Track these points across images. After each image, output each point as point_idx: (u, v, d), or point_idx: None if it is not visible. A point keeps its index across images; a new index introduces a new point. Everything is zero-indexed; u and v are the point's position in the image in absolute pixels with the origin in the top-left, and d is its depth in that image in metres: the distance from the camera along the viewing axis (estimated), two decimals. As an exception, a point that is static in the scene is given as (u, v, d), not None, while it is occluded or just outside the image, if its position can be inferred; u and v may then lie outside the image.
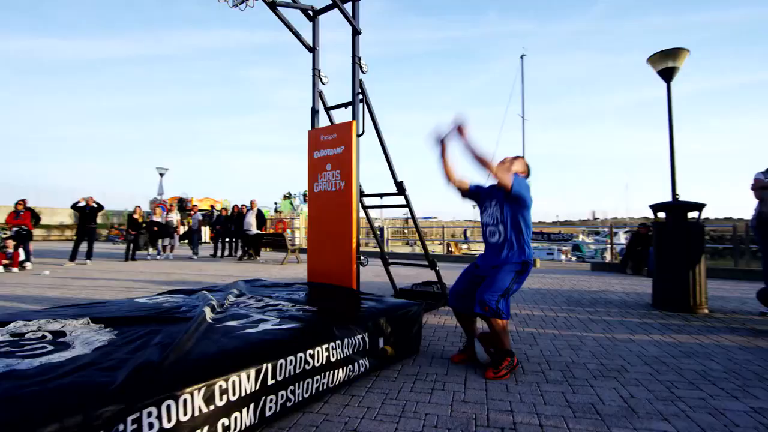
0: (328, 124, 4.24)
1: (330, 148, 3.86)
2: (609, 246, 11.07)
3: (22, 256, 8.57)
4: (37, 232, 22.20)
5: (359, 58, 3.83)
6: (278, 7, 3.80)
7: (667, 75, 5.15)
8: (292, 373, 1.98)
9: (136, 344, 1.97)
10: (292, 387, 1.97)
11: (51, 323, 2.30)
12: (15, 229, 8.75)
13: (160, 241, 11.76)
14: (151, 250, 11.68)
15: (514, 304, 4.78)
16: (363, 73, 3.89)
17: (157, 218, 11.79)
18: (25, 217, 9.05)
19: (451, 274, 7.57)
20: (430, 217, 35.03)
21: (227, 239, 12.50)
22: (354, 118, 3.78)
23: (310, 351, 2.08)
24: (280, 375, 1.91)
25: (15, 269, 8.19)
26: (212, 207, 18.07)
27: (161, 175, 16.21)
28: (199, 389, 1.59)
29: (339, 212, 3.76)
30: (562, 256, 18.93)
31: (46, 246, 16.90)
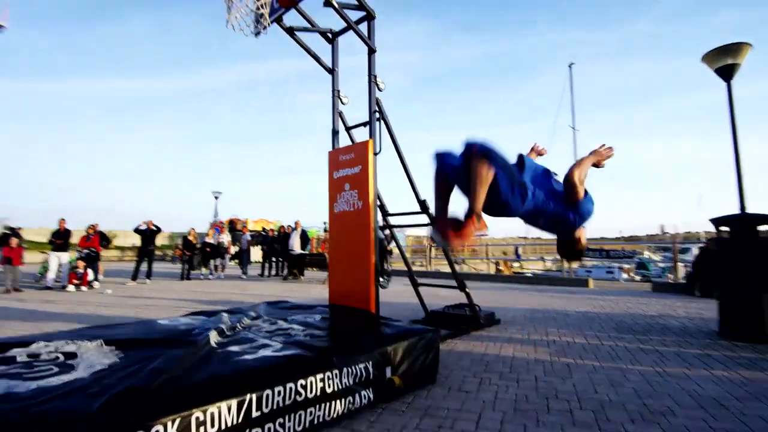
0: (350, 143, 4.23)
1: (348, 168, 3.82)
2: (675, 263, 10.00)
3: (90, 276, 9.37)
4: (112, 252, 24.44)
5: (375, 76, 3.80)
6: (296, 32, 3.89)
7: (726, 73, 4.62)
8: (281, 405, 1.88)
9: (132, 368, 1.98)
10: (281, 420, 1.88)
11: (68, 344, 2.41)
12: (85, 251, 9.61)
13: (212, 261, 12.39)
14: (204, 270, 12.32)
15: (554, 330, 4.39)
16: (380, 90, 3.85)
17: (209, 239, 12.45)
18: (94, 241, 9.93)
19: (495, 297, 7.20)
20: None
21: (274, 259, 12.89)
22: (371, 136, 3.73)
23: (302, 381, 1.98)
24: (266, 406, 1.83)
25: (84, 288, 8.95)
26: (263, 228, 18.86)
27: (216, 198, 17.27)
28: (173, 420, 1.54)
29: (357, 232, 3.69)
30: (623, 275, 17.42)
31: (119, 266, 18.43)
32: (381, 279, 3.69)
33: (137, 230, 10.72)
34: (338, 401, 2.12)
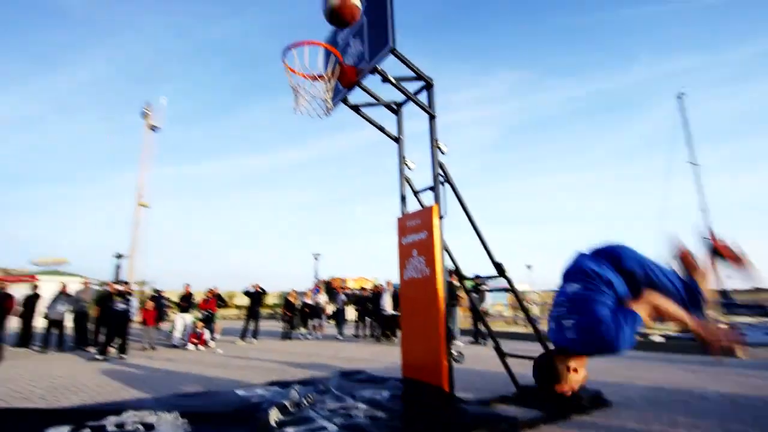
0: (419, 208, 4.20)
1: (415, 234, 3.77)
2: None
3: (207, 336, 10.45)
4: (232, 311, 27.19)
5: (437, 141, 3.80)
6: (362, 108, 4.15)
7: None
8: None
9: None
10: None
11: (150, 415, 2.62)
12: (204, 312, 10.83)
13: (310, 322, 12.96)
14: (303, 330, 12.91)
15: (685, 420, 3.51)
16: (442, 153, 3.82)
17: (308, 300, 13.14)
18: (211, 303, 11.18)
19: (606, 368, 6.12)
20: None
21: (367, 319, 13.00)
22: (436, 201, 3.67)
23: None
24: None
25: (201, 347, 9.97)
26: (362, 288, 19.39)
27: (315, 258, 18.51)
28: None
29: (426, 300, 3.53)
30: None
31: (236, 324, 20.34)
32: (455, 353, 3.41)
33: (246, 292, 11.82)
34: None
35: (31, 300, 10.03)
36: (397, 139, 4.33)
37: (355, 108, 4.16)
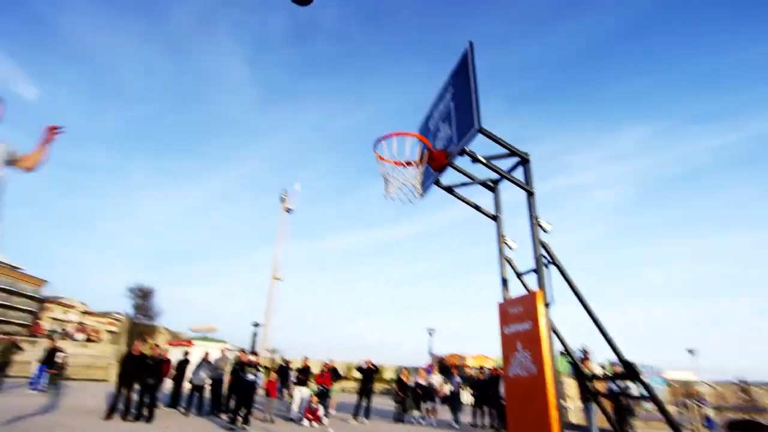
0: (524, 293, 3.79)
1: (518, 323, 3.35)
2: None
3: (321, 412, 10.54)
4: (350, 384, 27.37)
5: (537, 218, 3.47)
6: (456, 189, 4.08)
7: None
8: None
9: None
10: None
11: None
12: (319, 387, 11.07)
13: (423, 404, 12.20)
14: (416, 413, 12.16)
15: None
16: (545, 232, 3.45)
17: (420, 380, 12.52)
18: (326, 377, 11.41)
19: None
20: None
21: (485, 406, 11.72)
22: (540, 287, 3.25)
23: None
24: None
25: (315, 424, 10.05)
26: (481, 368, 17.87)
27: (430, 334, 17.84)
28: None
29: (534, 405, 2.99)
30: None
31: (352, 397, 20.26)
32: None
33: (358, 368, 11.82)
34: None
35: (182, 365, 11.56)
36: (494, 218, 4.10)
37: (449, 189, 4.12)
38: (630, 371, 3.10)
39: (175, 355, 12.15)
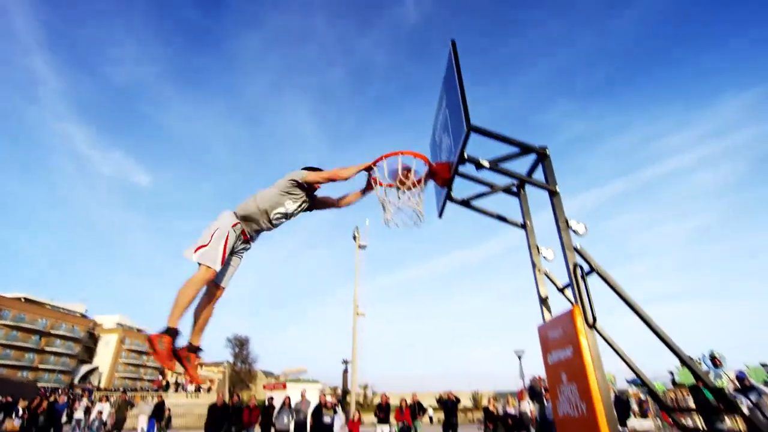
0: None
1: (560, 350, 2.76)
2: None
3: (405, 452, 10.02)
4: (441, 415, 26.08)
5: (567, 222, 2.90)
6: (473, 201, 3.64)
7: None
8: None
9: None
10: None
11: None
12: (400, 424, 10.59)
13: (517, 436, 11.05)
14: (510, 447, 11.05)
15: None
16: (578, 235, 2.86)
17: (510, 409, 11.43)
18: (406, 414, 10.91)
19: None
20: None
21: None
22: (576, 302, 2.67)
23: None
24: None
25: (399, 465, 9.55)
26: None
27: (519, 357, 16.41)
28: None
29: (590, 456, 2.37)
30: None
31: None
32: None
33: (439, 400, 11.15)
34: None
35: (268, 411, 11.85)
36: (523, 226, 3.56)
37: (465, 203, 3.69)
38: (719, 395, 2.34)
39: (277, 397, 12.48)
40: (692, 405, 11.60)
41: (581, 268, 2.73)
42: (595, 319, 2.56)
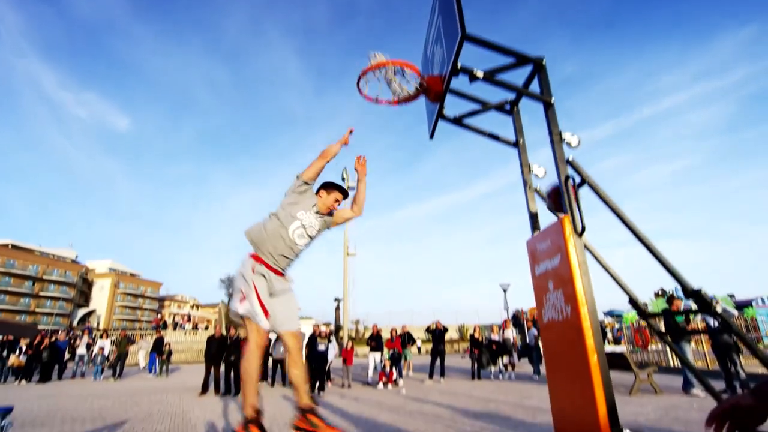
0: (558, 224, 3.22)
1: (548, 260, 2.83)
2: None
3: (395, 375, 10.70)
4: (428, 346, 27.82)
5: (560, 134, 2.84)
6: (466, 119, 3.54)
7: None
8: None
9: None
10: None
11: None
12: (391, 351, 11.20)
13: (500, 359, 11.85)
14: (493, 368, 11.87)
15: None
16: (571, 147, 2.82)
17: (494, 336, 12.13)
18: (396, 342, 11.51)
19: None
20: None
21: (567, 357, 11.06)
22: (565, 211, 2.69)
23: None
24: None
25: (390, 386, 10.24)
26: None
27: (504, 290, 17.21)
28: None
29: (571, 353, 2.52)
30: None
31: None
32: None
33: (427, 330, 11.76)
34: None
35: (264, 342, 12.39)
36: (515, 144, 3.50)
37: (457, 120, 3.58)
38: (699, 301, 2.46)
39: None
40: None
41: (573, 179, 2.72)
42: (584, 228, 2.59)
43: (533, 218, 3.30)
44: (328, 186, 2.85)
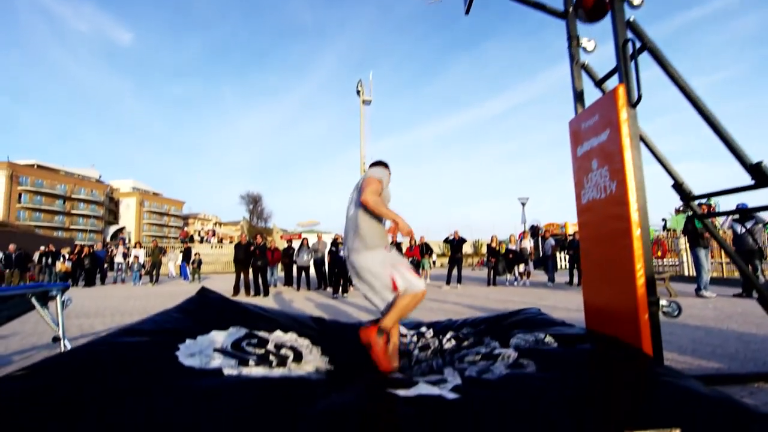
0: (605, 103, 2.97)
1: (593, 137, 2.65)
2: None
3: (414, 280, 11.21)
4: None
5: (621, -10, 2.47)
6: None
7: None
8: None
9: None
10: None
11: (300, 340, 2.73)
12: (410, 259, 11.60)
13: (516, 268, 12.20)
14: (509, 276, 12.28)
15: None
16: (633, 7, 2.47)
17: (512, 246, 12.35)
18: (415, 251, 11.86)
19: None
20: None
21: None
22: (621, 80, 2.44)
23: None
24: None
25: (409, 290, 10.77)
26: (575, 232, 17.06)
27: (522, 204, 17.14)
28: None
29: (612, 230, 2.46)
30: None
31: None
32: (664, 304, 2.29)
33: (446, 240, 12.00)
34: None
35: (289, 251, 12.92)
36: (564, 15, 3.12)
37: (498, -13, 3.18)
38: (758, 176, 2.30)
39: (295, 244, 13.67)
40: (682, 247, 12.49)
41: (633, 43, 2.42)
42: (640, 97, 2.36)
43: (578, 97, 3.05)
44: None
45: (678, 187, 2.92)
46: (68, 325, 2.87)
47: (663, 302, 2.26)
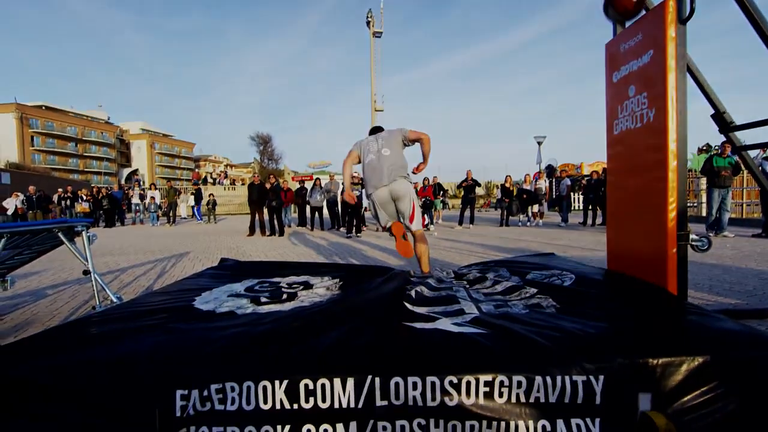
0: (647, 22, 2.68)
1: (633, 60, 2.41)
2: None
3: (427, 221, 11.22)
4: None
5: None
6: None
7: None
8: (419, 403, 1.35)
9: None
10: (421, 420, 1.36)
11: (316, 279, 2.76)
12: (422, 199, 11.55)
13: (529, 208, 12.11)
14: (522, 217, 12.23)
15: None
16: None
17: (526, 186, 12.16)
18: (428, 191, 11.77)
19: None
20: None
21: (597, 207, 11.12)
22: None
23: (452, 378, 1.35)
24: (397, 398, 1.36)
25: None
26: (593, 173, 16.60)
27: (539, 143, 16.59)
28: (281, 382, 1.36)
29: (645, 162, 2.32)
30: None
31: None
32: (694, 238, 2.22)
33: (460, 186, 11.85)
34: (522, 424, 1.34)
35: (302, 192, 12.94)
36: None
37: None
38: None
39: (295, 186, 13.71)
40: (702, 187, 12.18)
41: (689, -54, 2.11)
42: (693, 11, 2.10)
43: (617, 24, 2.75)
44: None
45: (719, 116, 2.71)
46: (95, 262, 2.97)
47: (693, 236, 2.18)
